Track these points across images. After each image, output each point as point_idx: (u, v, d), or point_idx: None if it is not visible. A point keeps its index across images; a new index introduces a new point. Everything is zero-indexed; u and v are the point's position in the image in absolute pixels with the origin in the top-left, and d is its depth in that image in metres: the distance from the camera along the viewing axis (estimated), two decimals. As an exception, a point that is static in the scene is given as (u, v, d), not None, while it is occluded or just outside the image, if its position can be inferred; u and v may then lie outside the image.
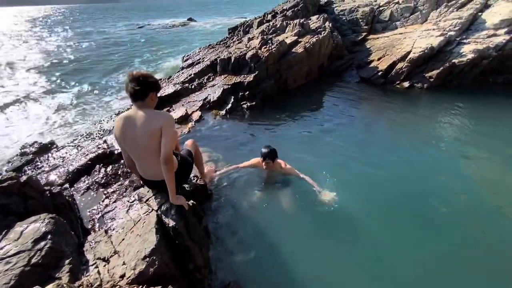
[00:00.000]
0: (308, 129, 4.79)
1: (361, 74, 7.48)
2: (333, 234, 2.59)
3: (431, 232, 2.63)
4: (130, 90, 1.88)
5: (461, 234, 2.61)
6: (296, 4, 10.03)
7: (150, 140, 1.88)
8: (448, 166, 3.72)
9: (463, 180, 3.41)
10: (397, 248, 2.47)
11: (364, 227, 2.66)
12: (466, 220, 2.79)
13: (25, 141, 5.07)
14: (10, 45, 19.53)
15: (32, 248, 1.59)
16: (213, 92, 5.80)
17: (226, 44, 8.91)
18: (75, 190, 2.90)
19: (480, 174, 3.51)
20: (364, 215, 2.80)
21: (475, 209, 2.93)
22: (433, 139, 4.43)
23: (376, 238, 2.56)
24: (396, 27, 8.36)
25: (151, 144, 1.89)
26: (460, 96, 6.16)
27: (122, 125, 1.92)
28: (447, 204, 2.95)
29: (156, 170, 1.96)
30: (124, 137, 1.93)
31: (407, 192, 3.17)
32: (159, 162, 1.87)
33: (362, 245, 2.49)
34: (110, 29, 29.37)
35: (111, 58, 14.35)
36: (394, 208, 2.92)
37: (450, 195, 3.10)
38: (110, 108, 7.13)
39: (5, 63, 13.32)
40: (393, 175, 3.46)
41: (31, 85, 9.52)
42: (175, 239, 2.05)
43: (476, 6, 6.97)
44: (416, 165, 3.72)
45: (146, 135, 1.86)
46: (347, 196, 2.98)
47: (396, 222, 2.77)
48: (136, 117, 1.89)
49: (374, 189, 3.20)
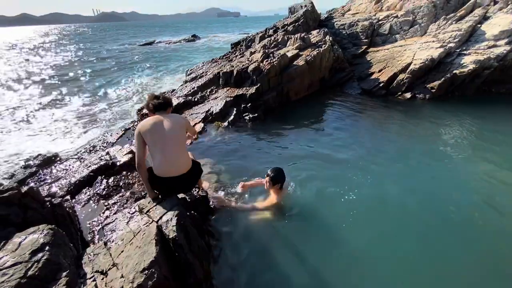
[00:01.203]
0: (310, 141, 4.76)
1: (362, 85, 7.53)
2: (341, 253, 2.48)
3: (439, 248, 2.54)
4: (156, 104, 2.39)
5: (468, 248, 2.52)
6: (297, 19, 10.29)
7: (181, 133, 2.37)
8: (454, 177, 3.63)
9: (468, 192, 3.32)
10: (405, 265, 2.38)
11: (369, 241, 2.58)
12: (472, 231, 2.69)
13: (30, 152, 5.13)
14: (21, 60, 20.18)
15: (29, 259, 1.56)
16: (216, 104, 5.86)
17: (229, 58, 9.10)
18: (76, 201, 2.89)
19: (486, 185, 3.41)
20: (368, 228, 2.72)
21: (480, 220, 2.83)
22: (438, 151, 4.35)
23: (384, 253, 2.48)
24: (396, 40, 8.49)
25: (182, 136, 2.38)
26: (463, 107, 6.14)
27: (153, 124, 2.27)
28: (454, 216, 2.86)
29: (182, 163, 2.36)
30: (153, 133, 2.25)
31: (412, 204, 3.08)
32: (184, 154, 2.38)
33: (372, 262, 2.40)
34: (117, 46, 30.31)
35: (116, 73, 14.69)
36: (399, 221, 2.84)
37: (457, 206, 3.00)
38: (114, 122, 7.21)
39: (16, 77, 13.71)
40: (397, 188, 3.35)
41: (38, 98, 9.72)
42: (175, 251, 2.00)
43: (475, 18, 7.08)
44: (421, 177, 3.63)
45: (178, 129, 2.32)
46: (349, 209, 2.91)
47: (400, 234, 2.68)
48: (164, 119, 2.33)
49: (378, 201, 3.12)
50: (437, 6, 8.04)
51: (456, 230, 2.70)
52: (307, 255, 2.44)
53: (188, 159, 2.45)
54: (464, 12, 7.41)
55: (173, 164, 2.30)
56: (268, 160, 4.10)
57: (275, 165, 3.09)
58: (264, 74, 6.17)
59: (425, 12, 8.10)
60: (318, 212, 2.91)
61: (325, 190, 3.26)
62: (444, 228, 2.73)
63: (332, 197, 3.15)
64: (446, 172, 3.74)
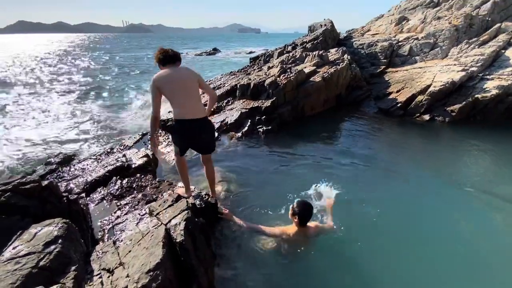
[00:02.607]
0: (323, 158, 4.69)
1: (379, 105, 7.45)
2: (348, 268, 2.40)
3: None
4: (165, 56, 2.56)
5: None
6: (316, 37, 10.47)
7: (194, 83, 2.59)
8: (472, 208, 3.41)
9: (485, 223, 3.13)
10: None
11: (384, 266, 2.47)
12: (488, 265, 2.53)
13: (52, 151, 5.37)
14: (51, 64, 21.56)
15: (42, 250, 1.61)
16: (231, 115, 5.97)
17: (247, 71, 9.31)
18: (90, 199, 2.97)
19: (506, 218, 3.22)
20: (381, 252, 2.60)
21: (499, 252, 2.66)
22: (458, 178, 4.12)
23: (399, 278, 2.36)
24: (415, 61, 8.42)
25: (195, 89, 2.62)
26: (485, 132, 5.91)
27: (167, 75, 2.49)
28: (471, 247, 2.70)
29: (197, 109, 2.63)
30: (169, 83, 2.50)
31: (427, 230, 2.94)
32: (198, 103, 2.64)
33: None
34: (141, 55, 31.81)
35: (140, 79, 15.33)
36: (412, 246, 2.71)
37: (473, 237, 2.84)
38: (131, 125, 7.46)
39: (45, 79, 14.60)
40: (412, 213, 3.22)
41: (63, 102, 10.27)
42: (180, 255, 2.01)
43: (499, 43, 6.94)
44: (438, 204, 3.43)
45: (190, 80, 2.56)
46: (362, 232, 2.81)
47: (414, 261, 2.55)
48: (179, 71, 2.57)
49: (391, 225, 2.99)
50: (459, 30, 7.96)
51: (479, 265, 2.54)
52: (318, 274, 2.36)
53: (203, 108, 2.71)
54: (488, 37, 7.29)
55: (190, 109, 2.58)
56: (278, 173, 4.08)
57: (284, 178, 3.02)
58: (281, 88, 6.25)
59: (447, 35, 8.03)
60: (333, 239, 2.68)
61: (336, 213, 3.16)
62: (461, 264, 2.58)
63: (345, 222, 3.02)
64: (466, 204, 3.52)
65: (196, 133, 2.69)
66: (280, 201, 3.15)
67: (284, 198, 3.19)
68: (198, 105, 2.65)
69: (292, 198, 2.96)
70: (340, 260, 2.50)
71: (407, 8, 11.17)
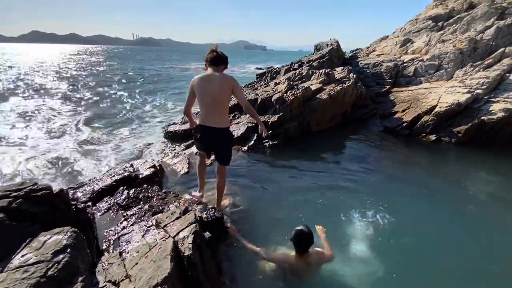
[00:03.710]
0: (328, 174, 4.66)
1: (385, 124, 7.48)
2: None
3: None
4: (210, 57, 2.70)
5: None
6: (322, 56, 10.70)
7: (222, 92, 2.65)
8: (478, 232, 3.33)
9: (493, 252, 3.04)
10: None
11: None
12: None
13: (60, 157, 5.40)
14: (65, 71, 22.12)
15: (51, 259, 1.58)
16: (238, 128, 6.01)
17: (254, 87, 9.47)
18: (96, 209, 2.96)
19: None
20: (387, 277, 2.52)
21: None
22: (465, 200, 4.07)
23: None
24: (420, 82, 8.53)
25: (224, 99, 2.69)
26: (491, 154, 5.88)
27: (201, 80, 2.65)
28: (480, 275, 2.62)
29: (217, 119, 2.70)
30: (199, 88, 2.65)
31: (432, 253, 2.87)
32: (221, 114, 2.72)
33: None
34: (153, 67, 32.61)
35: (147, 92, 15.62)
36: (418, 271, 2.62)
37: (481, 264, 2.76)
38: (139, 135, 7.53)
39: (55, 87, 14.93)
40: (418, 237, 3.12)
41: (70, 112, 10.44)
42: (188, 270, 1.97)
43: (503, 67, 7.04)
44: (444, 228, 3.35)
45: (219, 89, 2.62)
46: (366, 256, 2.72)
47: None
48: (214, 78, 2.65)
49: (396, 248, 2.91)
50: (464, 53, 8.11)
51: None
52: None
53: (224, 119, 2.78)
54: (492, 61, 7.41)
55: (212, 118, 2.70)
56: (283, 189, 4.05)
57: (290, 195, 2.95)
58: (287, 104, 6.33)
59: (451, 58, 8.18)
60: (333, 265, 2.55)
61: (337, 228, 3.11)
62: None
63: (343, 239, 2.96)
64: (469, 227, 3.47)
65: (214, 141, 2.84)
66: (285, 220, 3.09)
67: (289, 217, 3.14)
68: (221, 115, 2.74)
69: (297, 217, 2.89)
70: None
71: (412, 30, 11.45)
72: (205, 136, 2.81)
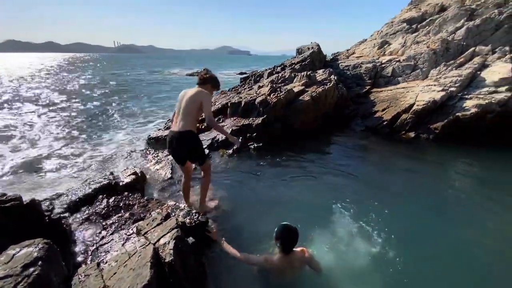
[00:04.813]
0: (312, 174, 4.70)
1: (366, 123, 7.67)
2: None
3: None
4: (200, 76, 3.11)
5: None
6: (304, 59, 10.89)
7: (192, 105, 2.90)
8: (457, 221, 3.47)
9: (473, 238, 3.17)
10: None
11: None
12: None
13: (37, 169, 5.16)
14: (40, 81, 21.27)
15: (21, 273, 1.50)
16: (222, 132, 5.98)
17: (237, 90, 9.48)
18: (74, 219, 2.83)
19: (490, 233, 3.27)
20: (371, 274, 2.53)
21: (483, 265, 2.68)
22: (443, 193, 4.24)
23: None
24: (398, 82, 8.83)
25: (193, 108, 2.91)
26: (467, 149, 6.14)
27: (182, 94, 3.06)
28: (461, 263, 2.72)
29: (183, 123, 2.91)
30: (179, 97, 3.05)
31: (416, 246, 2.94)
32: (188, 121, 2.90)
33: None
34: (136, 74, 31.95)
35: (129, 99, 15.29)
36: (403, 268, 2.67)
37: (462, 251, 2.87)
38: (119, 142, 7.32)
39: (29, 98, 14.32)
40: (402, 231, 3.17)
41: (48, 120, 10.04)
42: (169, 276, 1.92)
43: (475, 65, 7.41)
44: (426, 220, 3.46)
45: (191, 102, 2.91)
46: (350, 252, 2.75)
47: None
48: (191, 89, 3.03)
49: (380, 243, 2.95)
50: (437, 54, 8.48)
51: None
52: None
53: (188, 125, 2.92)
54: (464, 60, 7.78)
55: (176, 123, 2.97)
56: (269, 191, 4.06)
57: (275, 196, 2.94)
58: (271, 106, 6.37)
59: (426, 58, 8.53)
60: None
61: (324, 226, 3.15)
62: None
63: (330, 236, 2.99)
64: (449, 218, 3.62)
65: (178, 145, 2.96)
66: (270, 221, 3.04)
67: (274, 218, 3.11)
68: (184, 121, 2.91)
69: (282, 219, 2.86)
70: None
71: (388, 33, 11.89)
72: (172, 141, 2.96)
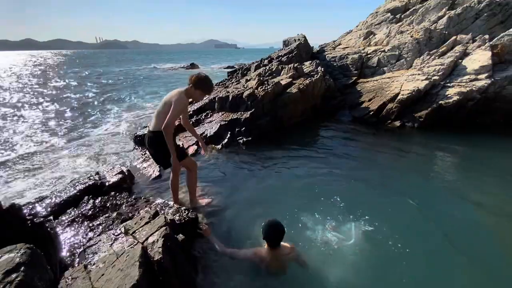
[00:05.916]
0: (303, 167, 4.73)
1: (353, 113, 7.77)
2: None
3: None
4: (189, 78, 3.04)
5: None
6: (291, 51, 10.85)
7: (163, 104, 2.91)
8: (442, 205, 3.60)
9: (459, 220, 3.30)
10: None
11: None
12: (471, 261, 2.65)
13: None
14: (24, 82, 20.38)
15: (2, 280, 1.45)
16: (210, 127, 5.93)
17: (225, 85, 9.38)
18: (59, 222, 2.76)
19: (475, 214, 3.42)
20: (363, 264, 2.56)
21: (474, 249, 2.80)
22: (429, 179, 4.38)
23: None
24: (384, 72, 8.95)
25: (162, 107, 2.90)
26: (450, 136, 6.34)
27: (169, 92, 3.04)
28: (447, 245, 2.82)
29: (154, 122, 2.93)
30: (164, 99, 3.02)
31: (404, 233, 3.02)
32: (159, 119, 2.86)
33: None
34: (117, 69, 31.07)
35: (117, 94, 14.89)
36: (391, 254, 2.74)
37: (449, 234, 2.98)
38: (105, 141, 7.15)
39: (16, 98, 13.74)
40: (391, 219, 3.24)
41: (33, 121, 9.68)
42: (159, 275, 1.90)
43: (456, 54, 7.58)
44: (412, 207, 3.50)
45: (163, 102, 2.93)
46: (338, 244, 2.73)
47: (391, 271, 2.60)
48: (173, 91, 2.99)
49: (371, 231, 3.02)
50: (420, 43, 8.62)
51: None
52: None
53: (157, 124, 2.90)
54: (446, 49, 7.95)
55: (151, 126, 2.99)
56: (259, 185, 4.07)
57: (265, 190, 2.94)
58: (259, 100, 6.34)
59: (410, 48, 8.66)
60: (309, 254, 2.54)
61: (313, 218, 3.17)
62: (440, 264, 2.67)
63: (320, 227, 3.03)
64: (434, 202, 3.75)
65: (146, 143, 3.07)
66: (260, 215, 3.05)
67: (264, 213, 3.12)
68: (155, 120, 2.94)
69: (272, 214, 2.87)
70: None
71: (373, 23, 11.96)
72: (145, 140, 3.07)
